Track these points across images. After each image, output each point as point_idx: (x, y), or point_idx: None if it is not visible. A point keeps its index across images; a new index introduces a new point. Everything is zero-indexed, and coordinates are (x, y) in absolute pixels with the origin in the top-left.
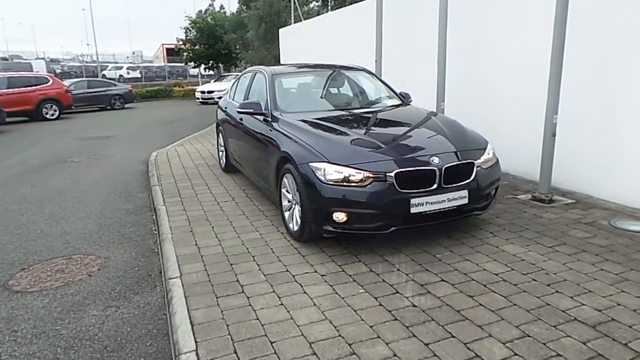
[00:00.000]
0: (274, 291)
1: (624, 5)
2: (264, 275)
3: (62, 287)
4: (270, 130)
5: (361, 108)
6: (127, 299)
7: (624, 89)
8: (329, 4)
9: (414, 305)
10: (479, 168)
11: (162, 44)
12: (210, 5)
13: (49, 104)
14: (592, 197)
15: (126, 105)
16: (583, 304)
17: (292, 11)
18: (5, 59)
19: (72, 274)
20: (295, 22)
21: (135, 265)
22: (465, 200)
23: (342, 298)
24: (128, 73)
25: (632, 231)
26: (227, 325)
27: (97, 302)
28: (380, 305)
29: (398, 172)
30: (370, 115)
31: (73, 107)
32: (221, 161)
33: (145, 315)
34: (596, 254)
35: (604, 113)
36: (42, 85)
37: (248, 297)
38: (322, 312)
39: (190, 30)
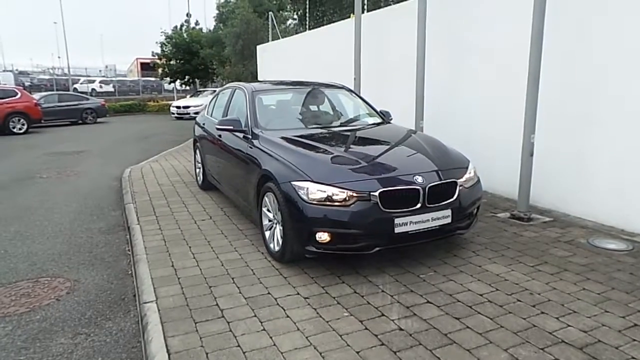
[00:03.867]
0: (255, 315)
1: (598, 25)
2: (245, 298)
3: (27, 312)
4: (251, 148)
5: (342, 126)
6: (99, 325)
7: (598, 109)
8: (307, 22)
9: (401, 329)
10: (461, 187)
11: (137, 58)
12: (186, 21)
13: (17, 118)
14: (569, 215)
15: (99, 120)
16: (569, 325)
17: (270, 29)
18: None
19: (38, 299)
20: (272, 40)
21: (108, 289)
22: (449, 220)
23: (327, 322)
24: (101, 87)
25: (610, 249)
26: (207, 354)
27: (66, 329)
28: (366, 329)
29: (382, 192)
30: (351, 133)
31: (43, 121)
32: (198, 178)
33: (118, 343)
34: (577, 273)
35: (580, 133)
36: (9, 99)
37: (228, 322)
38: (307, 337)
39: (165, 45)
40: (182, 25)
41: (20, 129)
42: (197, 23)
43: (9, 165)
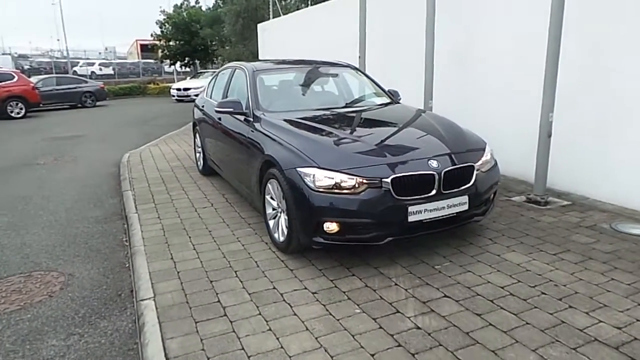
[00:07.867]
0: (260, 313)
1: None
2: (249, 293)
3: (17, 310)
4: (252, 131)
5: (348, 107)
6: (93, 324)
7: (620, 84)
8: None
9: (418, 327)
10: (478, 171)
11: (136, 40)
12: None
13: (14, 102)
14: (588, 198)
15: (98, 103)
16: (600, 321)
17: (271, 6)
18: None
19: (30, 295)
20: (273, 17)
21: (103, 284)
22: (466, 207)
23: (337, 320)
24: (100, 69)
25: (635, 235)
26: (208, 358)
27: (58, 329)
28: (381, 328)
29: (394, 178)
30: (358, 114)
31: (41, 105)
32: (198, 163)
33: (114, 344)
34: (604, 261)
35: (600, 111)
36: (6, 82)
37: (231, 322)
38: (316, 338)
39: (165, 25)
40: (181, 4)
41: (18, 113)
42: (196, 1)
43: (5, 150)
